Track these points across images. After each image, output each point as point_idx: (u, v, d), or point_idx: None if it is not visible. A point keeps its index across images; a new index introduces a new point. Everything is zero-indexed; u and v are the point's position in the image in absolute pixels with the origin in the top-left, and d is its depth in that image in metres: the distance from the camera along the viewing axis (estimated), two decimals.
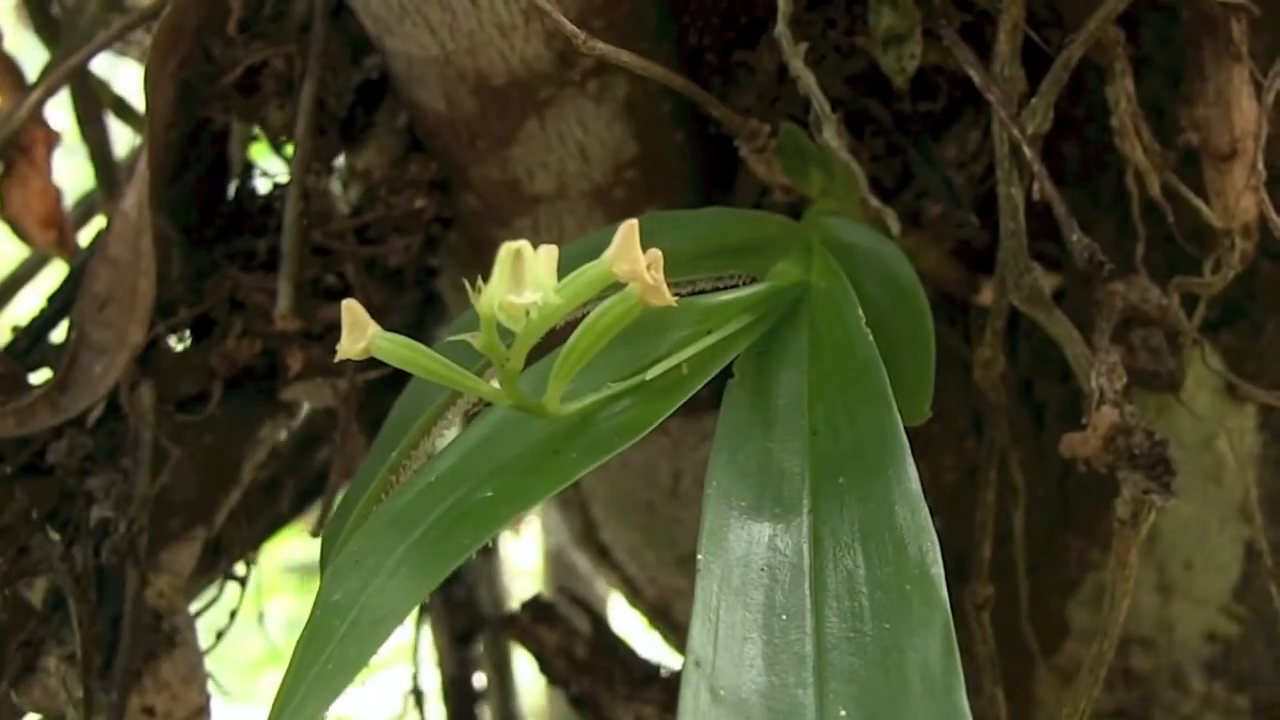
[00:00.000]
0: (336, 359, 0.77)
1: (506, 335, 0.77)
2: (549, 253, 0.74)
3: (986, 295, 1.31)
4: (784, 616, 0.75)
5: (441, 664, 1.96)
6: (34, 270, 1.79)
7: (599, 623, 1.60)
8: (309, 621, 0.78)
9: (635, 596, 1.72)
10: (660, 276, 0.76)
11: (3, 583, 1.20)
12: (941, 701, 0.70)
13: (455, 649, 1.93)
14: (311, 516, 1.57)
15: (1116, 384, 1.02)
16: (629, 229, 0.74)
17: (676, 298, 0.79)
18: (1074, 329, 1.06)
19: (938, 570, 0.75)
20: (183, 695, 1.25)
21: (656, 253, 0.76)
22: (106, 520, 1.22)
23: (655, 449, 1.45)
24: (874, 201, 1.12)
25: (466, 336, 0.75)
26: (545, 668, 1.58)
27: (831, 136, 1.10)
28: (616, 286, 0.79)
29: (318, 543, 1.00)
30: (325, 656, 0.74)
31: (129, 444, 1.24)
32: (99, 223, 1.77)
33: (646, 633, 1.81)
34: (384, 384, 1.41)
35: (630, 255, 0.74)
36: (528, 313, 0.71)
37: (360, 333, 0.77)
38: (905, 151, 1.27)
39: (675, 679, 1.55)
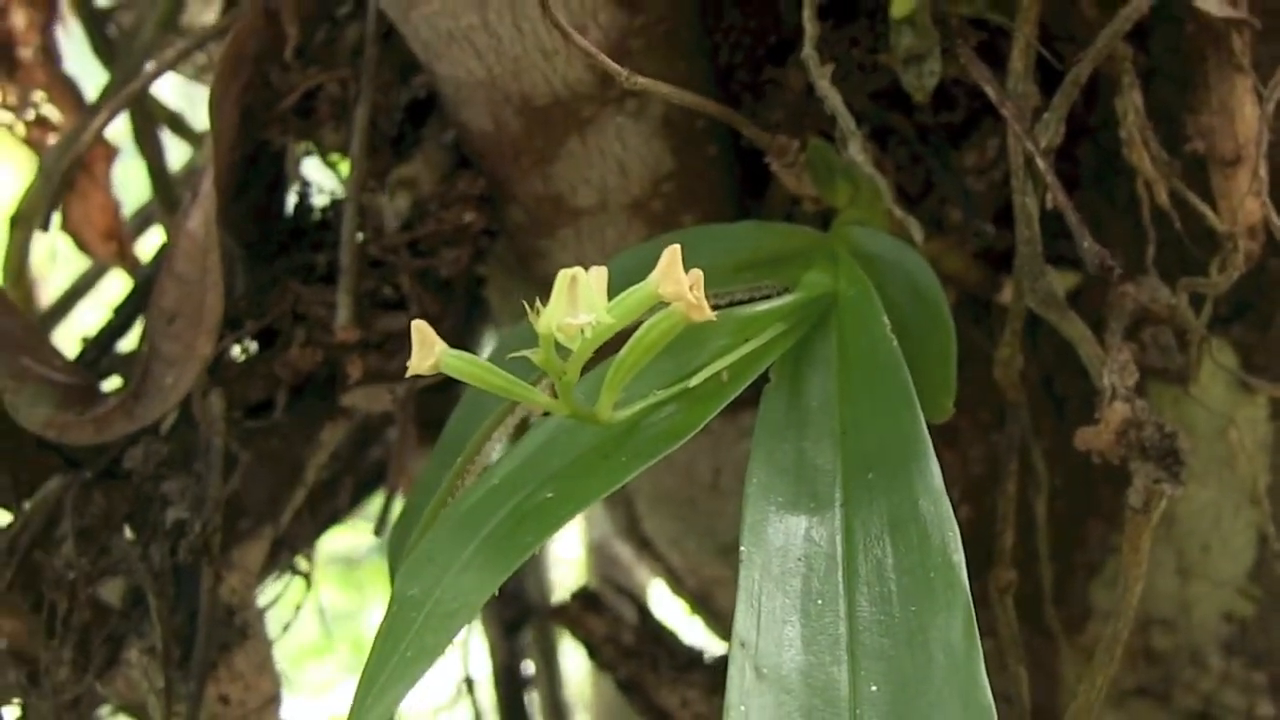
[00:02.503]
0: (407, 375, 0.84)
1: (560, 350, 0.84)
2: (599, 274, 0.82)
3: (1008, 294, 1.37)
4: (819, 601, 0.83)
5: (492, 653, 2.03)
6: (93, 280, 1.88)
7: (644, 611, 1.68)
8: (387, 615, 0.86)
9: (677, 585, 1.79)
10: (701, 295, 0.83)
11: (85, 582, 1.28)
12: (963, 674, 0.78)
13: (505, 638, 2.01)
14: (364, 512, 1.66)
15: (1128, 380, 1.08)
16: (672, 254, 0.81)
17: (715, 309, 0.87)
18: (1087, 329, 1.12)
19: (959, 558, 0.83)
20: (255, 684, 1.33)
21: (697, 273, 0.84)
22: (181, 521, 1.30)
23: (696, 446, 1.51)
24: (898, 211, 1.18)
25: (527, 353, 0.83)
26: (594, 654, 1.65)
27: (856, 151, 1.17)
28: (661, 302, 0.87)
29: (360, 536, 1.08)
30: (404, 645, 0.82)
31: (201, 449, 1.32)
32: (156, 234, 1.85)
33: (688, 620, 1.87)
34: (433, 389, 1.50)
35: (674, 277, 0.81)
36: (582, 332, 0.79)
37: (429, 350, 0.84)
38: (927, 160, 1.33)
39: (719, 663, 1.62)
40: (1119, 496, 1.43)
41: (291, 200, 1.46)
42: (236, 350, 1.39)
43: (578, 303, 0.78)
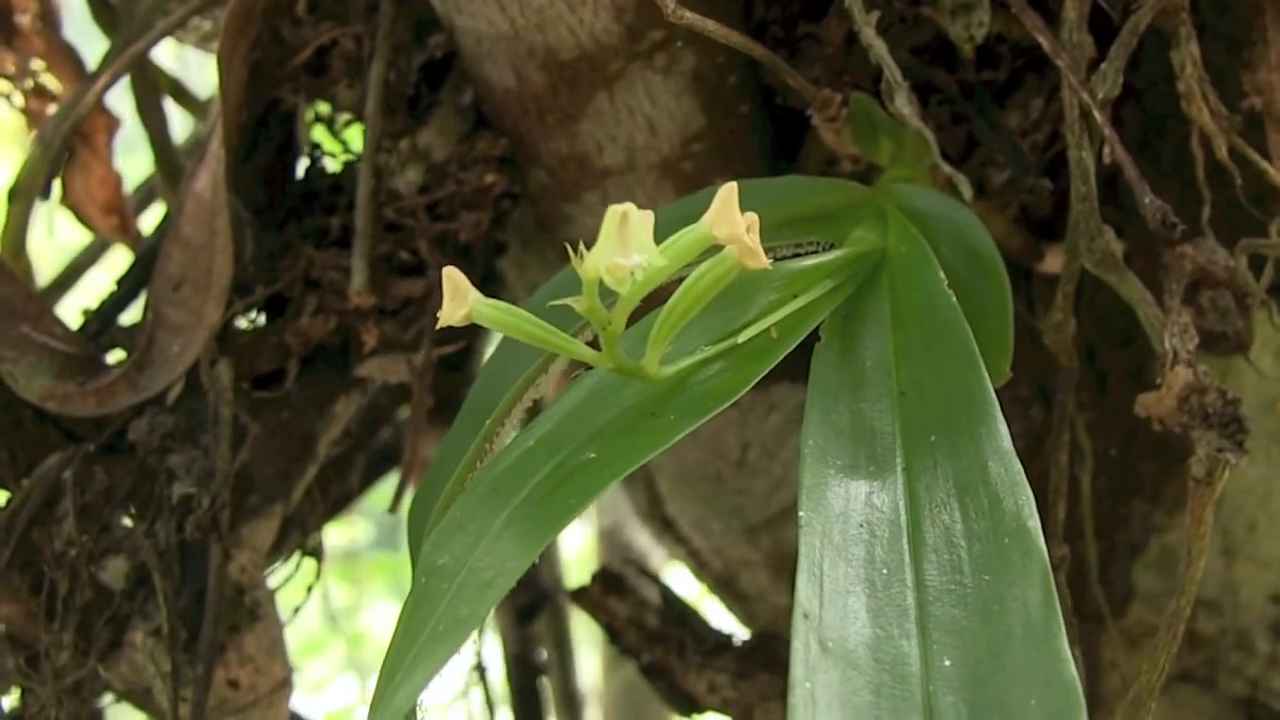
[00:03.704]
0: (438, 325, 0.78)
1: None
2: (646, 217, 0.75)
3: (1050, 262, 1.33)
4: (884, 571, 0.77)
5: (504, 640, 1.98)
6: (95, 256, 1.82)
7: (668, 593, 1.62)
8: (413, 588, 0.80)
9: (701, 569, 1.74)
10: (757, 239, 0.77)
11: (87, 561, 1.22)
12: (1043, 648, 0.72)
13: (517, 625, 1.95)
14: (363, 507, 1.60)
15: (1189, 344, 1.02)
16: (729, 192, 0.76)
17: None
18: (1146, 291, 1.07)
19: (1034, 523, 0.77)
20: (266, 668, 1.27)
21: (753, 216, 0.78)
22: (188, 496, 1.24)
23: (723, 420, 1.46)
24: (946, 167, 1.13)
25: (569, 301, 0.76)
26: (616, 639, 1.60)
27: (903, 104, 1.11)
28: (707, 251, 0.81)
29: (359, 530, 1.02)
30: (435, 618, 0.76)
31: (209, 421, 1.26)
32: (159, 208, 1.79)
33: (710, 605, 1.82)
34: (446, 367, 1.44)
35: (730, 218, 0.75)
36: (632, 275, 0.73)
37: (462, 299, 0.78)
38: (970, 120, 1.28)
39: (747, 647, 1.56)
40: (1163, 475, 1.42)
41: (302, 163, 1.41)
42: (244, 318, 1.33)
43: (629, 242, 0.71)
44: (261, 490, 1.29)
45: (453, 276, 0.78)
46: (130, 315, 1.43)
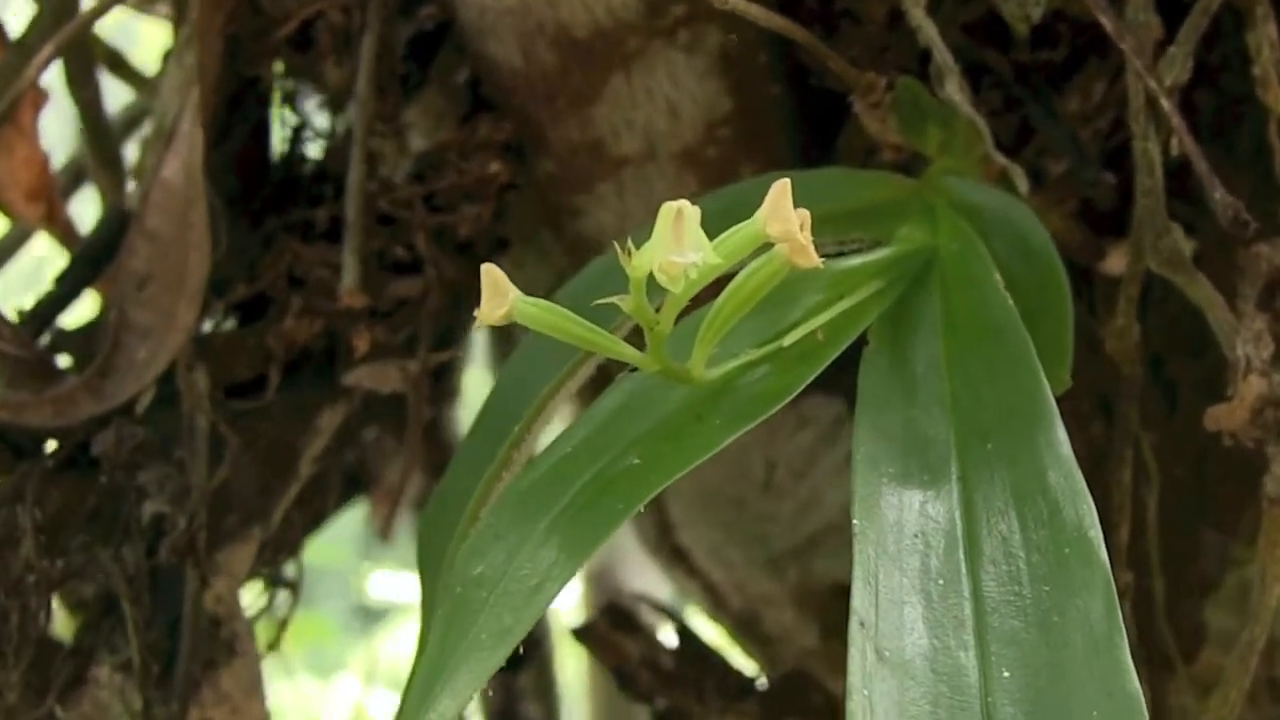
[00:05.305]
0: (476, 326, 0.90)
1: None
2: (696, 212, 0.88)
3: (1113, 262, 1.43)
4: (941, 581, 0.90)
5: (483, 693, 2.08)
6: (14, 248, 1.90)
7: (685, 630, 1.72)
8: (447, 601, 0.93)
9: (717, 607, 1.83)
10: (809, 237, 0.91)
11: (46, 588, 1.33)
12: (1105, 660, 0.85)
13: (501, 675, 2.06)
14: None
15: (1264, 352, 1.14)
16: (782, 188, 0.88)
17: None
18: (1217, 293, 1.18)
19: (1096, 533, 0.90)
20: (244, 708, 1.37)
21: (805, 213, 0.90)
22: (161, 516, 1.35)
23: (748, 435, 1.53)
24: (999, 158, 1.25)
25: (615, 300, 0.90)
26: (627, 682, 1.68)
27: (954, 90, 1.23)
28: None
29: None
30: (476, 629, 0.89)
31: (184, 434, 1.37)
32: (90, 194, 1.88)
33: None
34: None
35: (783, 215, 0.88)
36: (685, 274, 0.86)
37: (501, 298, 0.90)
38: (1025, 105, 1.40)
39: (774, 690, 1.67)
40: (1240, 501, 1.49)
41: (282, 147, 1.53)
42: (219, 320, 1.44)
43: (683, 239, 0.84)
44: (239, 510, 1.40)
45: (492, 273, 0.90)
46: (72, 317, 1.53)
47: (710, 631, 1.88)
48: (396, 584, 4.46)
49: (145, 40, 2.45)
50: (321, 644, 4.53)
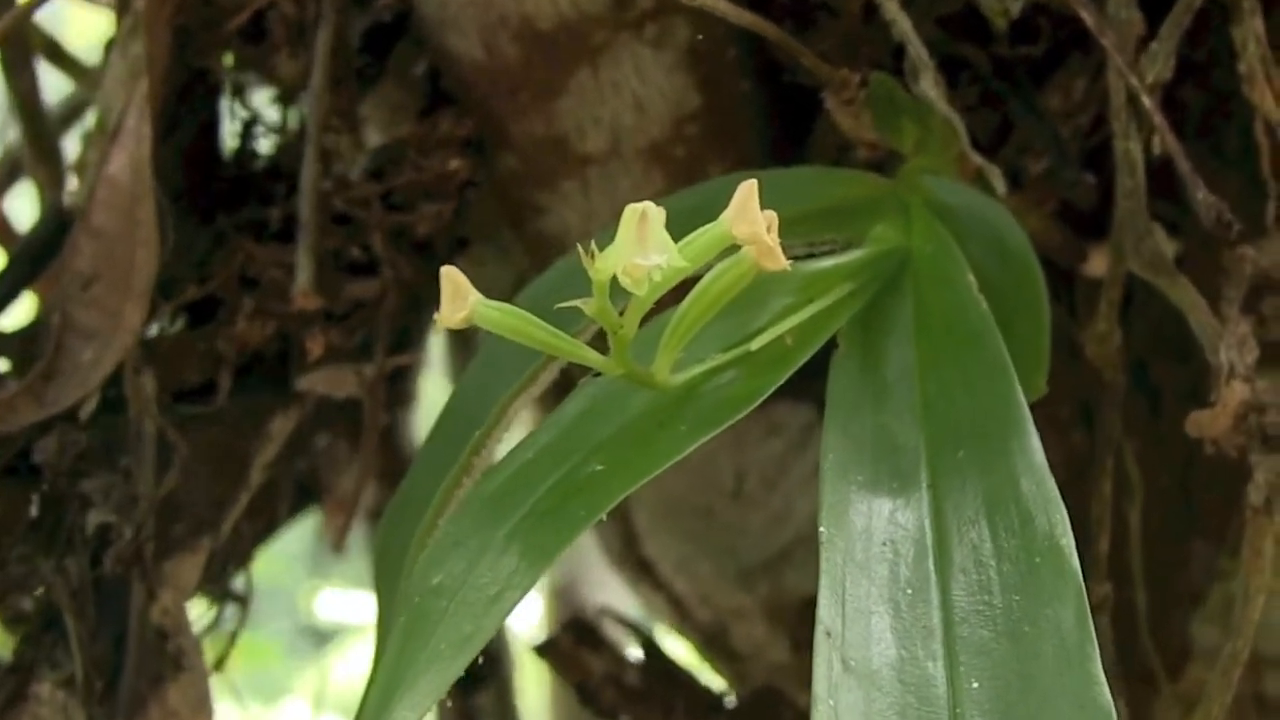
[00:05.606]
0: (436, 329, 0.93)
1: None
2: (661, 214, 0.91)
3: (1094, 264, 1.45)
4: (909, 590, 0.93)
5: (441, 714, 2.10)
6: None
7: (651, 645, 1.74)
8: (404, 612, 0.95)
9: (684, 621, 1.86)
10: (777, 239, 0.93)
11: None
12: (1076, 672, 0.87)
13: (459, 695, 2.07)
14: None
15: (1247, 357, 1.16)
16: (749, 189, 0.90)
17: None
18: (1199, 296, 1.20)
19: (1068, 541, 0.92)
20: None
21: (772, 214, 0.92)
22: (106, 526, 1.36)
23: (715, 443, 1.54)
24: (976, 156, 1.27)
25: (579, 303, 0.92)
26: (591, 699, 1.70)
27: (929, 86, 1.25)
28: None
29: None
30: (436, 638, 0.91)
31: (130, 440, 1.38)
32: (27, 189, 1.89)
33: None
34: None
35: (750, 216, 0.90)
36: (650, 276, 0.88)
37: (461, 301, 0.92)
38: (1004, 101, 1.43)
39: (743, 707, 1.70)
40: (1227, 511, 1.51)
41: (232, 143, 1.54)
42: (166, 322, 1.46)
43: (648, 242, 0.87)
44: (188, 520, 1.42)
45: (452, 276, 0.92)
46: (6, 320, 1.55)
47: (677, 647, 1.90)
48: (346, 603, 4.45)
49: (77, 24, 2.44)
50: (266, 667, 4.47)
